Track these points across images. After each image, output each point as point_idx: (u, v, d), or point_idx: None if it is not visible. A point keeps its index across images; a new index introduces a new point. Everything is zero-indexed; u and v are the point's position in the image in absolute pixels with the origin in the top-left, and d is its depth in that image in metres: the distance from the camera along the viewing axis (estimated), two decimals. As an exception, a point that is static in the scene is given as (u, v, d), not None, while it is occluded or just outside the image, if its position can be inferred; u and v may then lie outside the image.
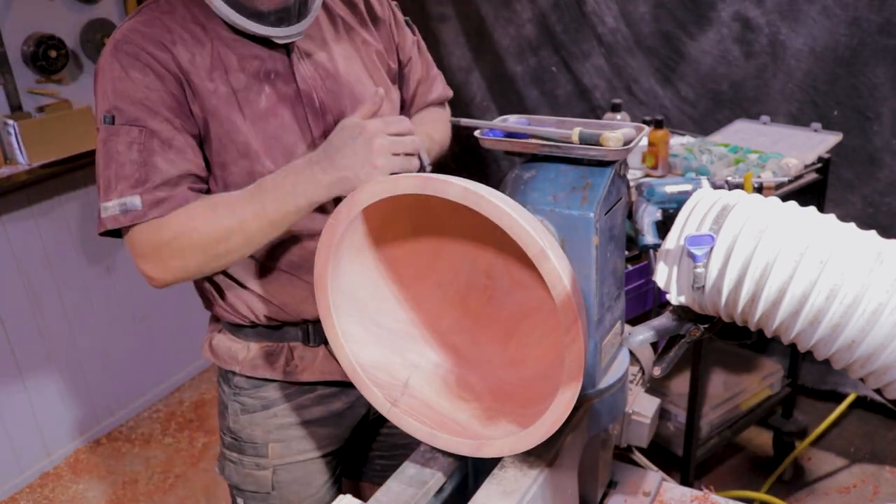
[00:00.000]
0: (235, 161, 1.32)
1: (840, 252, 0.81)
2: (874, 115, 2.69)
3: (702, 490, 1.35)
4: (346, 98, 1.40)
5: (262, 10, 1.29)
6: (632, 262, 2.25)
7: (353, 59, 1.44)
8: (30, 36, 3.00)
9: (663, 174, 2.49)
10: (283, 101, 1.34)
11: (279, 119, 1.34)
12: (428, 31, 3.68)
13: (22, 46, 2.99)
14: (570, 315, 1.00)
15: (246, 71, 1.32)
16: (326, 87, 1.38)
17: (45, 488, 3.11)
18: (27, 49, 2.99)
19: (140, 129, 1.25)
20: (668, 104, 3.15)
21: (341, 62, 1.42)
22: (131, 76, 1.25)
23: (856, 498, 2.71)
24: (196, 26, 1.31)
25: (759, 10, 2.83)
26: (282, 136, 1.34)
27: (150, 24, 1.29)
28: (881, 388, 0.85)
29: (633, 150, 1.07)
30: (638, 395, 1.34)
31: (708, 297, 0.90)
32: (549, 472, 1.14)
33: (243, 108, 1.32)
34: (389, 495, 1.15)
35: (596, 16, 3.20)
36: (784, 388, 2.81)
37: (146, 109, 1.25)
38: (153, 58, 1.26)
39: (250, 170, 1.32)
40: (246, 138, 1.31)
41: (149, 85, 1.25)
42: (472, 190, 1.00)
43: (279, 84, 1.34)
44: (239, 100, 1.31)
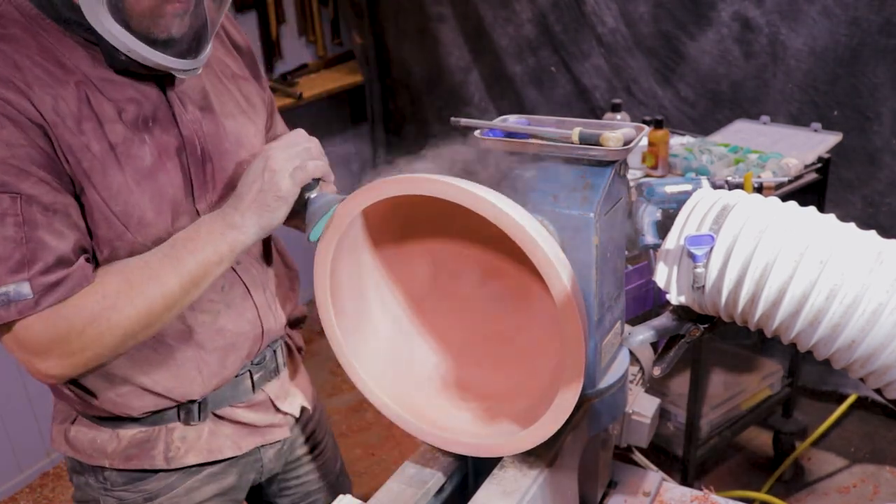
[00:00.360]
0: (122, 236, 1.11)
1: (840, 252, 0.81)
2: (874, 115, 2.69)
3: (702, 490, 1.35)
4: (227, 141, 1.22)
5: (157, 38, 1.06)
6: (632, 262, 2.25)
7: (225, 94, 1.26)
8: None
9: (663, 174, 2.48)
10: (166, 152, 1.14)
11: (167, 175, 1.14)
12: (426, 32, 3.68)
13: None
14: (570, 315, 1.00)
15: (124, 120, 1.09)
16: (206, 130, 1.19)
17: (45, 488, 3.11)
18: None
19: (12, 198, 0.99)
20: (668, 104, 3.15)
21: (216, 99, 1.23)
22: None
23: (856, 498, 2.71)
24: (50, 62, 1.05)
25: (759, 10, 2.83)
26: (172, 194, 1.15)
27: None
28: (881, 388, 0.85)
29: (633, 150, 1.07)
30: (638, 395, 1.34)
31: (708, 297, 0.90)
32: (549, 472, 1.14)
33: (125, 167, 1.09)
34: (389, 495, 1.15)
35: (595, 16, 3.20)
36: (784, 388, 2.81)
37: (15, 171, 0.99)
38: (9, 104, 1.00)
39: (143, 242, 1.12)
40: (133, 204, 1.11)
41: (10, 140, 0.99)
42: (471, 191, 1.00)
43: (158, 132, 1.13)
44: (119, 157, 1.09)
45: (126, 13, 1.02)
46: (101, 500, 1.32)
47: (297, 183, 1.13)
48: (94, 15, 1.01)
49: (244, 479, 1.41)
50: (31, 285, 1.00)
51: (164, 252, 1.10)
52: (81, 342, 1.05)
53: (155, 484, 1.31)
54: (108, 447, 1.28)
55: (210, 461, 1.33)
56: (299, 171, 1.13)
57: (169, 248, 1.10)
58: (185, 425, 1.30)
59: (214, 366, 1.27)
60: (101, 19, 1.01)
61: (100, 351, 1.07)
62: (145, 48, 1.04)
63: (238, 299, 1.28)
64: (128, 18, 1.03)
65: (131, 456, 1.28)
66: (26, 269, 1.00)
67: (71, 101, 1.05)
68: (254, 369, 1.34)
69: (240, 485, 1.40)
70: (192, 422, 1.29)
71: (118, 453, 1.28)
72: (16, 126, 1.00)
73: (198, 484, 1.34)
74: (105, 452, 1.28)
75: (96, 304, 1.05)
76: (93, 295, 1.05)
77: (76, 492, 1.37)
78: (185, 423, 1.30)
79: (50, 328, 1.03)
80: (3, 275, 0.99)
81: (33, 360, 1.06)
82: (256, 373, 1.35)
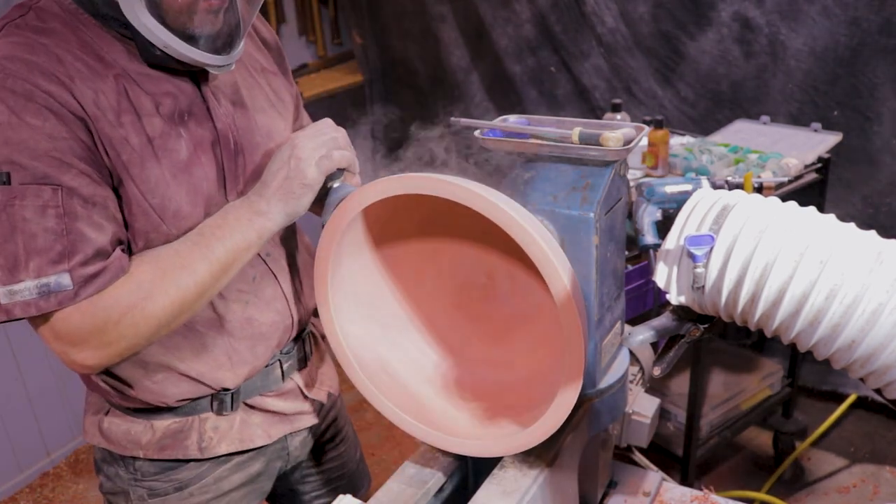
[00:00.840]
0: (158, 228, 1.12)
1: (840, 252, 0.81)
2: (874, 115, 2.69)
3: (702, 490, 1.35)
4: (259, 135, 1.24)
5: (192, 34, 1.09)
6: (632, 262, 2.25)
7: (255, 88, 1.29)
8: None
9: (663, 174, 2.48)
10: (201, 145, 1.16)
11: (202, 168, 1.16)
12: (427, 31, 3.68)
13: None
14: (570, 315, 1.00)
15: (161, 113, 1.11)
16: (238, 124, 1.21)
17: (45, 488, 3.11)
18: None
19: (54, 189, 1.00)
20: (668, 104, 3.15)
21: (247, 93, 1.26)
22: (27, 121, 0.99)
23: (856, 498, 2.71)
24: (90, 56, 1.07)
25: (759, 10, 2.83)
26: (206, 187, 1.17)
27: (31, 50, 1.03)
28: (881, 387, 0.85)
29: (633, 150, 1.07)
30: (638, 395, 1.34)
31: (708, 297, 0.90)
32: (549, 472, 1.14)
33: (162, 160, 1.11)
34: (389, 495, 1.15)
35: (595, 16, 3.20)
36: (784, 388, 2.81)
37: (56, 163, 1.01)
38: (51, 96, 1.01)
39: (177, 234, 1.14)
40: (170, 198, 1.12)
41: (53, 132, 1.01)
42: (471, 190, 1.00)
43: (193, 126, 1.15)
44: (156, 150, 1.11)
45: (162, 9, 1.05)
46: (131, 490, 1.33)
47: (323, 172, 1.16)
48: (132, 10, 1.04)
49: (271, 466, 1.43)
50: (71, 276, 1.02)
51: (193, 240, 1.12)
52: (118, 332, 1.06)
53: (186, 473, 1.33)
54: (143, 438, 1.29)
55: (241, 450, 1.34)
56: (325, 160, 1.16)
57: (197, 236, 1.12)
58: (218, 415, 1.31)
59: (245, 354, 1.28)
60: (138, 14, 1.04)
61: (135, 340, 1.09)
62: (181, 43, 1.07)
63: (268, 290, 1.30)
64: (164, 14, 1.05)
65: (165, 446, 1.29)
66: (66, 261, 1.01)
67: (110, 95, 1.07)
68: (283, 358, 1.37)
69: (267, 472, 1.42)
70: (224, 412, 1.31)
71: (152, 444, 1.29)
72: (58, 119, 1.01)
73: (226, 473, 1.36)
74: (139, 443, 1.29)
75: (132, 295, 1.06)
76: (128, 285, 1.07)
77: (105, 482, 1.37)
78: (218, 413, 1.31)
79: (87, 319, 1.04)
80: (44, 266, 1.00)
81: (69, 350, 1.07)
82: (286, 362, 1.37)
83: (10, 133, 0.99)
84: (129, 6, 1.04)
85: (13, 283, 1.00)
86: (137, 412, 1.29)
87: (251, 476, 1.39)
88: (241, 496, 1.40)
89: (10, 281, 1.00)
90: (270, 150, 1.25)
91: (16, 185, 0.99)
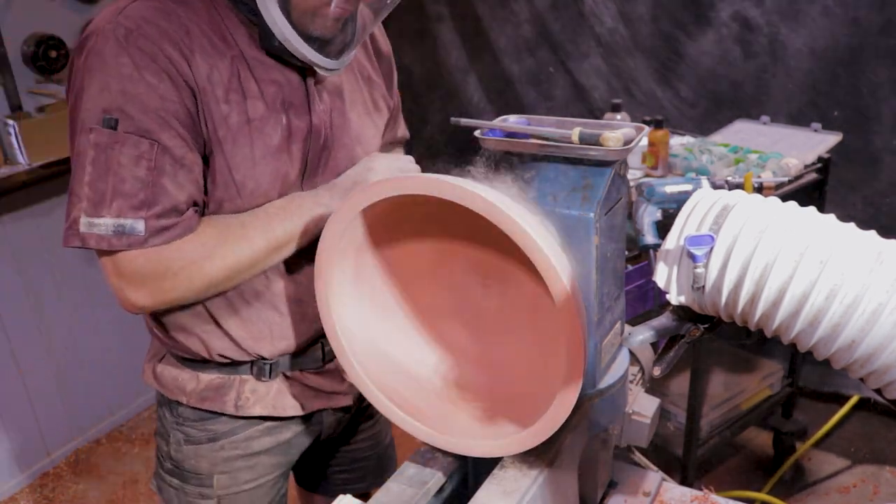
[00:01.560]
0: (233, 199, 1.22)
1: (840, 252, 0.81)
2: (874, 115, 2.69)
3: (702, 490, 1.35)
4: (348, 136, 1.33)
5: (314, 35, 1.18)
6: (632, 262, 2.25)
7: (356, 92, 1.38)
8: (30, 36, 3.00)
9: (663, 174, 2.48)
10: (295, 135, 1.24)
11: (289, 156, 1.25)
12: (425, 31, 3.68)
13: (22, 46, 2.99)
14: (571, 315, 1.00)
15: (265, 98, 1.20)
16: (334, 122, 1.30)
17: (45, 488, 3.11)
18: (27, 49, 2.99)
19: (151, 144, 1.10)
20: (668, 104, 3.15)
21: (348, 95, 1.34)
22: (146, 79, 1.10)
23: (856, 498, 2.71)
24: (216, 34, 1.17)
25: (759, 10, 2.83)
26: (288, 173, 1.25)
27: (166, 17, 1.13)
28: (881, 388, 0.85)
29: (633, 150, 1.07)
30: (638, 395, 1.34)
31: (708, 297, 0.90)
32: (549, 472, 1.14)
33: (255, 141, 1.20)
34: (389, 495, 1.15)
35: (594, 16, 3.20)
36: (784, 388, 2.81)
37: (160, 121, 1.11)
38: (171, 63, 1.11)
39: (248, 207, 1.23)
40: (252, 177, 1.21)
41: (165, 94, 1.11)
42: (471, 190, 1.00)
43: (292, 115, 1.24)
44: (252, 132, 1.20)
45: (291, 5, 1.15)
46: (171, 433, 1.44)
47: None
48: (263, 1, 1.13)
49: (301, 438, 1.49)
50: (145, 224, 1.11)
51: (257, 216, 1.21)
52: (173, 283, 1.16)
53: (220, 426, 1.41)
54: (188, 386, 1.39)
55: (273, 416, 1.42)
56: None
57: (263, 213, 1.22)
58: (257, 380, 1.39)
59: (286, 330, 1.36)
60: (269, 5, 1.13)
61: (186, 294, 1.18)
62: (299, 41, 1.16)
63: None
64: (291, 10, 1.15)
65: (205, 398, 1.39)
66: (145, 209, 1.11)
67: (224, 73, 1.16)
68: (325, 340, 1.41)
69: (295, 442, 1.49)
70: (262, 377, 1.39)
71: (195, 393, 1.39)
72: (173, 83, 1.11)
73: (257, 434, 1.43)
74: (184, 390, 1.39)
75: (194, 252, 1.16)
76: (192, 243, 1.16)
77: (157, 422, 1.49)
78: (257, 379, 1.39)
79: (150, 265, 1.14)
80: (125, 209, 1.10)
81: (126, 288, 1.16)
82: (328, 344, 1.40)
83: (129, 85, 1.09)
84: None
85: (95, 217, 1.10)
86: (186, 362, 1.39)
87: (279, 443, 1.46)
88: (269, 460, 1.46)
89: (93, 213, 1.10)
90: (356, 153, 1.35)
91: (121, 132, 1.09)
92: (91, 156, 1.09)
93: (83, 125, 1.10)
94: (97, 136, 1.09)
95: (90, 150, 1.09)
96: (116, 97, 1.09)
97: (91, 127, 1.09)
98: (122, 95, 1.09)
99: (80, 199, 1.11)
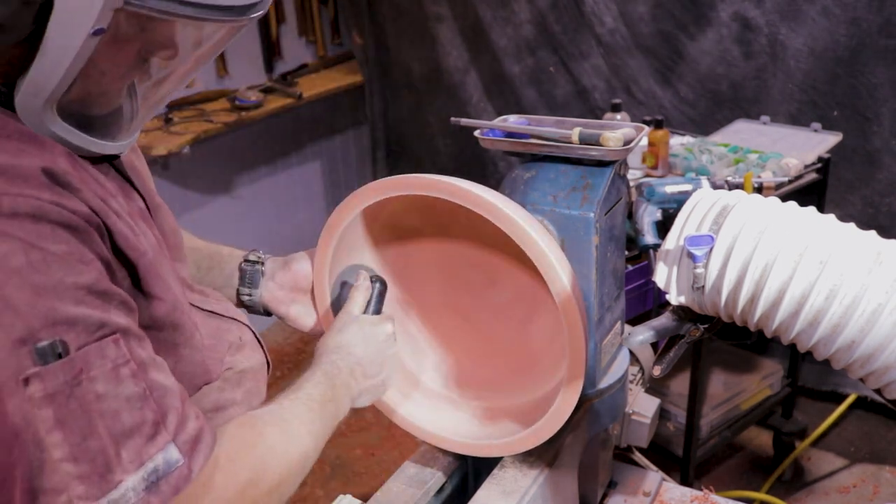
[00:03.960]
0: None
1: (839, 252, 0.81)
2: (874, 115, 2.69)
3: (702, 490, 1.35)
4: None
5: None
6: (632, 262, 2.25)
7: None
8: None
9: (663, 174, 2.48)
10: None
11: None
12: (425, 31, 3.68)
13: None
14: (571, 315, 1.00)
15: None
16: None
17: (45, 488, 3.10)
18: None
19: (115, 340, 0.74)
20: (668, 104, 3.15)
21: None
22: (51, 252, 0.72)
23: (856, 498, 2.71)
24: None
25: (759, 10, 2.82)
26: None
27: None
28: (881, 388, 0.85)
29: (633, 150, 1.07)
30: (638, 395, 1.34)
31: (708, 297, 0.90)
32: (549, 472, 1.14)
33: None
34: (389, 495, 1.15)
35: (594, 16, 3.20)
36: (784, 388, 2.81)
37: (101, 299, 0.75)
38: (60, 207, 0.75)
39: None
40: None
41: (81, 257, 0.74)
42: (471, 191, 1.00)
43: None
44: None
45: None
46: None
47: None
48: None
49: None
50: (177, 446, 0.76)
51: (307, 406, 0.97)
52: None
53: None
54: None
55: None
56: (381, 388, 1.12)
57: (318, 405, 0.98)
58: None
59: None
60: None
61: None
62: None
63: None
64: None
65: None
66: (164, 429, 0.76)
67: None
68: None
69: None
70: None
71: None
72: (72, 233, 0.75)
73: None
74: None
75: (256, 459, 0.85)
76: (238, 445, 0.84)
77: None
78: None
79: (205, 497, 0.78)
80: (142, 446, 0.74)
81: None
82: None
83: (34, 278, 0.70)
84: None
85: (110, 491, 0.72)
86: None
87: None
88: None
89: (105, 491, 0.71)
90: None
91: (76, 352, 0.71)
92: (50, 419, 0.69)
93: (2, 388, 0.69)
94: (45, 383, 0.69)
95: (43, 412, 0.69)
96: (27, 311, 0.69)
97: (27, 376, 0.69)
98: (32, 302, 0.69)
99: (57, 492, 0.70)
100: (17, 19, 0.71)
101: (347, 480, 2.88)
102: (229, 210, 3.58)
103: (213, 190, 3.52)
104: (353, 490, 1.52)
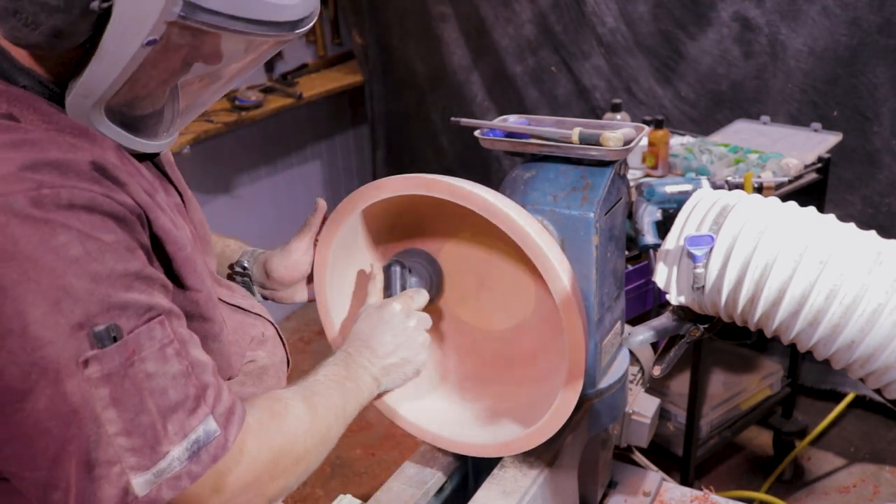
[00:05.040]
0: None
1: (839, 252, 0.81)
2: (874, 115, 2.69)
3: (702, 490, 1.35)
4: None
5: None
6: (632, 262, 2.25)
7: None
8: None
9: (663, 174, 2.48)
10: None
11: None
12: (429, 31, 3.68)
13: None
14: (571, 315, 1.00)
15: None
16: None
17: (46, 488, 3.10)
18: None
19: (160, 322, 0.80)
20: (668, 104, 3.15)
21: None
22: (101, 240, 0.77)
23: (856, 498, 2.71)
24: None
25: (759, 10, 2.83)
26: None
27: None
28: (881, 388, 0.85)
29: (633, 150, 1.07)
30: (638, 395, 1.34)
31: (708, 297, 0.90)
32: (549, 472, 1.14)
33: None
34: (389, 495, 1.15)
35: (596, 16, 3.20)
36: (784, 388, 2.81)
37: (147, 283, 0.81)
38: (121, 204, 0.81)
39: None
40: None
41: (128, 245, 0.80)
42: (471, 191, 1.00)
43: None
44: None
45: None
46: None
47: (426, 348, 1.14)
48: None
49: None
50: (214, 417, 0.81)
51: (335, 382, 1.03)
52: (272, 474, 0.88)
53: None
54: None
55: None
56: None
57: (340, 384, 1.03)
58: None
59: None
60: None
61: (287, 482, 0.91)
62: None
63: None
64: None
65: None
66: (203, 402, 0.81)
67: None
68: None
69: None
70: None
71: None
72: (117, 223, 0.81)
73: None
74: None
75: (288, 430, 0.90)
76: (272, 418, 0.90)
77: None
78: None
79: (241, 466, 0.84)
80: (184, 418, 0.79)
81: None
82: None
83: (90, 266, 0.75)
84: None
85: (156, 462, 0.77)
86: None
87: None
88: None
89: (152, 462, 0.77)
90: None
91: (127, 334, 0.76)
92: (106, 397, 0.75)
93: (59, 368, 0.73)
94: (102, 365, 0.74)
95: (100, 391, 0.74)
96: (85, 298, 0.74)
97: (86, 359, 0.74)
98: (97, 286, 0.75)
99: (111, 464, 0.75)
100: (76, 27, 0.77)
101: (347, 480, 2.88)
102: (229, 210, 3.59)
103: (214, 190, 3.52)
104: (354, 490, 1.53)
